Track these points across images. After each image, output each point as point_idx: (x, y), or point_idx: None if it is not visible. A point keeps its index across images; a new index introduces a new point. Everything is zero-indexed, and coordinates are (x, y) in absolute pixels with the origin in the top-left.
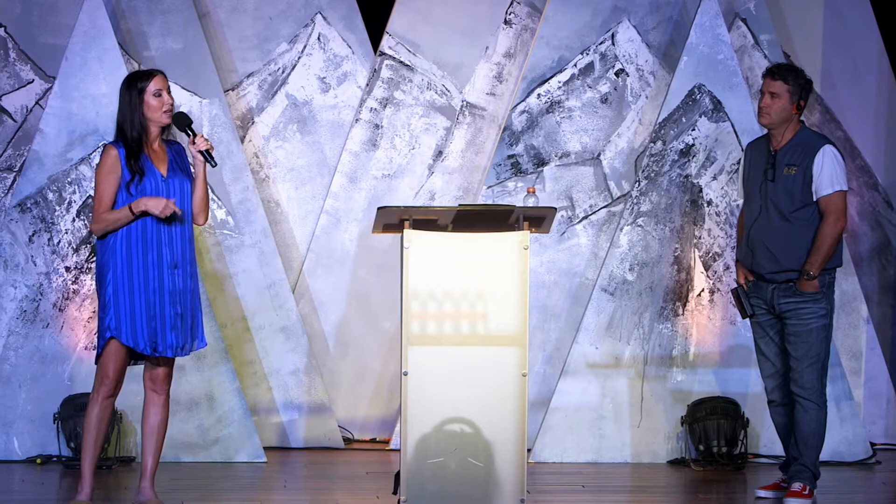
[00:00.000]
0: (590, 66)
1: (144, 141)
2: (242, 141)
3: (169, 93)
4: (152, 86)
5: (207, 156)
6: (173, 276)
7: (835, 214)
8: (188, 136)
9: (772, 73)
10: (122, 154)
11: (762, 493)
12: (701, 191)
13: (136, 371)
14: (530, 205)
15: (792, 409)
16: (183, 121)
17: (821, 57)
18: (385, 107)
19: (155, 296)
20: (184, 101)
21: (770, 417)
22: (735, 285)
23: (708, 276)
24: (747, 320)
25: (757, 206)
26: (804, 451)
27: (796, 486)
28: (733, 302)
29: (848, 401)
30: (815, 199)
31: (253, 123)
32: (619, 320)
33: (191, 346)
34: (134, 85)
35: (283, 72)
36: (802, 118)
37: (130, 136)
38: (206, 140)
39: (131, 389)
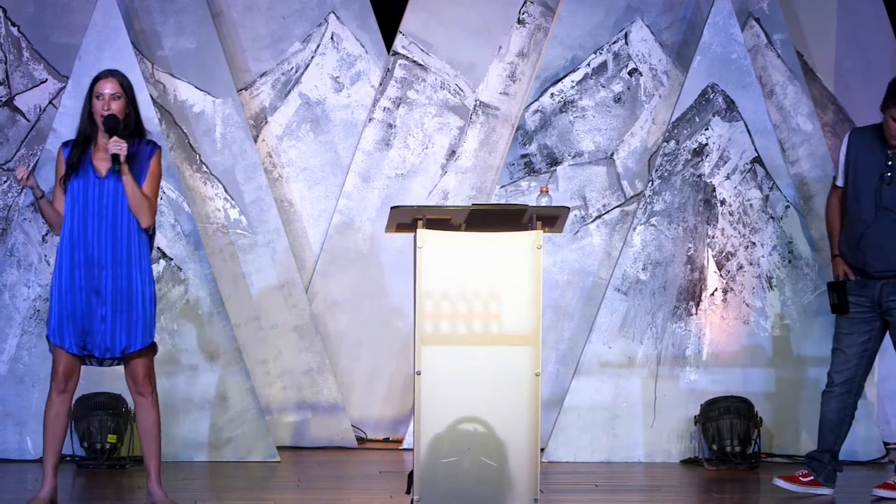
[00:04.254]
0: (603, 65)
1: (94, 140)
2: (256, 140)
3: (114, 98)
4: (97, 88)
5: (114, 159)
6: (101, 277)
7: None
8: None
9: None
10: (66, 152)
11: (781, 483)
12: (714, 190)
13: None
14: (543, 204)
15: (845, 405)
16: (107, 123)
17: (834, 56)
18: (398, 106)
19: (81, 295)
20: (197, 100)
21: (820, 409)
22: (834, 279)
23: (721, 276)
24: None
25: (872, 211)
26: None
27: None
28: (830, 294)
29: (861, 400)
30: None
31: (266, 123)
32: (633, 320)
33: (122, 347)
34: (90, 83)
35: (296, 71)
36: None
37: (78, 133)
38: (118, 144)
39: None
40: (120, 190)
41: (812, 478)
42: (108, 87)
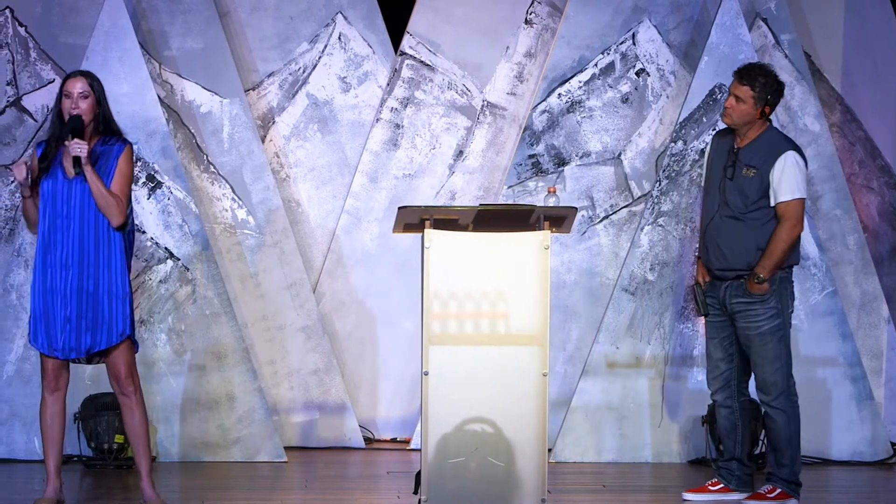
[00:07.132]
0: (610, 65)
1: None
2: (263, 141)
3: (83, 97)
4: (66, 86)
5: (75, 161)
6: (65, 277)
7: (792, 220)
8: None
9: (740, 75)
10: (38, 152)
11: (690, 497)
12: None
13: (157, 371)
14: (551, 204)
15: (732, 410)
16: (70, 124)
17: (841, 56)
18: (406, 106)
19: (50, 295)
20: (204, 100)
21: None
22: (693, 282)
23: None
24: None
25: (715, 204)
26: (778, 462)
27: (765, 487)
28: (690, 299)
29: (869, 401)
30: (772, 204)
31: (273, 123)
32: (640, 320)
33: (86, 347)
34: (60, 83)
35: (303, 71)
36: (771, 118)
37: (50, 134)
38: (79, 147)
39: (149, 389)
40: (87, 191)
41: (722, 486)
42: (76, 86)
